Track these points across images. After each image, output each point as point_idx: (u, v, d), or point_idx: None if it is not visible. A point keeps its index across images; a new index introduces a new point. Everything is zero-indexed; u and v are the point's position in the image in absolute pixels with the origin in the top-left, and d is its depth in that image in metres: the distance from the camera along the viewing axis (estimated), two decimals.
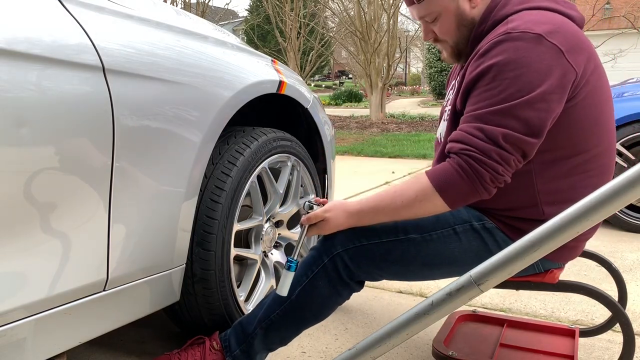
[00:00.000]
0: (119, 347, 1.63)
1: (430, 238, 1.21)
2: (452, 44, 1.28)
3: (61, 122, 1.01)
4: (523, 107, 1.07)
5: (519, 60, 1.07)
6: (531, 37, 1.08)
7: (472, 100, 1.13)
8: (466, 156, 1.09)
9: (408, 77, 37.17)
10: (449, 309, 0.97)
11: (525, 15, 1.15)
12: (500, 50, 1.09)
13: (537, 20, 1.12)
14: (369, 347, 1.04)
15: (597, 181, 1.19)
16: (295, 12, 12.94)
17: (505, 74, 1.08)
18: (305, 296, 1.25)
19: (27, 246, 0.98)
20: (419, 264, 1.23)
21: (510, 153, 1.07)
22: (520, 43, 1.08)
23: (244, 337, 1.29)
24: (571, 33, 1.13)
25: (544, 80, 1.07)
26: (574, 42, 1.11)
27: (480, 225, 1.22)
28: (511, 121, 1.07)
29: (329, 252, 1.23)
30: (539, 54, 1.08)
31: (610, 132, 1.22)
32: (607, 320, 1.51)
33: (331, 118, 10.21)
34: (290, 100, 1.82)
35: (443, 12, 1.24)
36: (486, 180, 1.08)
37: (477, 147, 1.08)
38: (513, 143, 1.07)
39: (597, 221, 0.85)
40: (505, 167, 1.08)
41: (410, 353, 1.61)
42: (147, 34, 1.26)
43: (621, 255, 2.61)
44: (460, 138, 1.11)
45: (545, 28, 1.09)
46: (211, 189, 1.42)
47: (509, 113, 1.07)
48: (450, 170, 1.11)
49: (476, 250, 1.22)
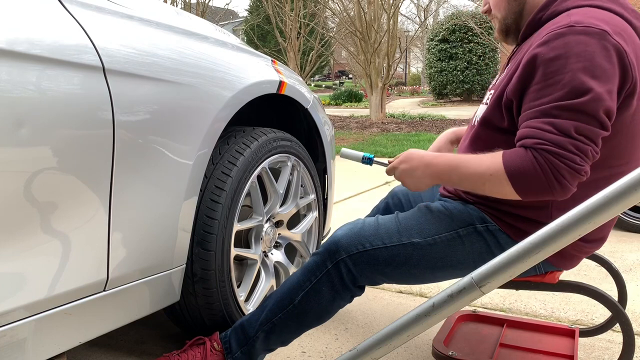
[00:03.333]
0: (119, 347, 1.63)
1: (434, 242, 1.21)
2: (501, 18, 1.27)
3: (61, 122, 1.01)
4: (591, 103, 1.03)
5: (583, 54, 1.04)
6: (597, 32, 1.05)
7: (533, 94, 1.09)
8: (542, 150, 1.04)
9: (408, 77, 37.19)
10: (450, 310, 0.97)
11: (589, 12, 1.11)
12: (562, 42, 1.06)
13: (601, 18, 1.09)
14: (370, 348, 1.04)
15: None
16: (295, 12, 12.94)
17: (570, 67, 1.04)
18: (308, 301, 1.25)
19: (27, 246, 0.98)
20: (422, 268, 1.22)
21: (586, 144, 1.04)
22: (584, 37, 1.05)
23: (245, 339, 1.29)
24: (632, 39, 1.10)
25: (610, 77, 1.04)
26: (634, 49, 1.09)
27: (483, 228, 1.21)
28: (579, 115, 1.03)
29: (333, 259, 1.23)
30: (604, 49, 1.04)
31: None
32: (607, 320, 1.51)
33: (331, 118, 10.21)
34: (291, 101, 1.82)
35: None
36: (564, 174, 1.04)
37: (551, 141, 1.04)
38: (586, 135, 1.04)
39: (599, 224, 0.85)
40: (583, 157, 1.04)
41: (410, 353, 1.61)
42: (147, 34, 1.26)
43: (621, 255, 2.62)
44: (531, 134, 1.07)
45: (609, 27, 1.07)
46: (211, 189, 1.42)
47: (577, 109, 1.04)
48: (527, 159, 1.06)
49: (479, 252, 1.21)
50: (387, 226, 1.23)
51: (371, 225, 1.24)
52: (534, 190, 1.07)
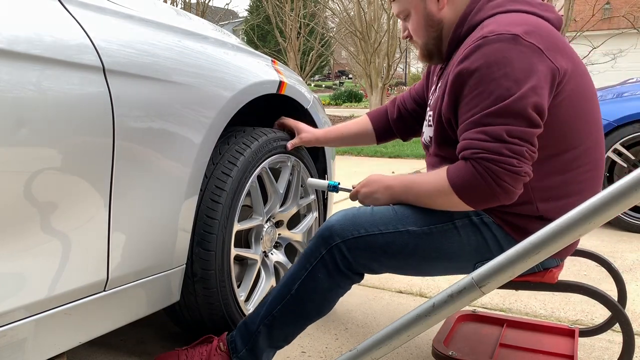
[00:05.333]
0: (119, 347, 1.63)
1: (430, 232, 1.21)
2: (422, 44, 1.32)
3: (61, 122, 1.01)
4: (516, 103, 1.07)
5: (501, 61, 1.08)
6: (508, 37, 1.09)
7: (464, 108, 1.14)
8: (479, 159, 1.09)
9: (408, 77, 37.15)
10: (451, 310, 0.97)
11: (500, 18, 1.16)
12: (480, 54, 1.10)
13: (512, 22, 1.13)
14: (370, 348, 1.03)
15: (589, 176, 1.21)
16: (295, 12, 12.94)
17: (491, 76, 1.09)
18: (306, 289, 1.24)
19: (27, 246, 0.98)
20: (418, 258, 1.23)
21: (520, 145, 1.07)
22: (498, 45, 1.09)
23: (248, 335, 1.29)
24: (547, 33, 1.14)
25: (530, 76, 1.08)
26: (551, 42, 1.13)
27: (478, 220, 1.22)
28: (508, 118, 1.07)
29: (327, 244, 1.23)
30: (519, 52, 1.08)
31: (598, 127, 1.24)
32: (607, 320, 1.51)
33: (331, 118, 10.20)
34: (291, 101, 1.82)
35: (412, 11, 1.29)
36: (504, 179, 1.07)
37: (486, 149, 1.08)
38: (518, 136, 1.07)
39: (599, 224, 0.85)
40: (520, 158, 1.07)
41: (410, 353, 1.61)
42: (147, 34, 1.26)
43: (621, 255, 2.62)
44: (467, 145, 1.12)
45: (520, 29, 1.10)
46: (211, 189, 1.42)
47: (505, 112, 1.08)
48: (467, 171, 1.11)
49: (475, 245, 1.22)
50: (382, 213, 1.23)
51: (366, 212, 1.24)
52: (479, 198, 1.13)
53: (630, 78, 4.46)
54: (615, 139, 3.05)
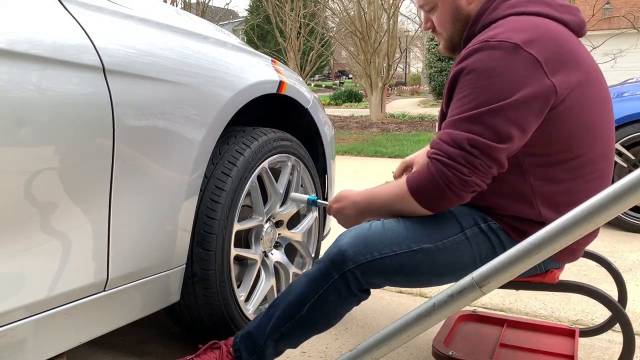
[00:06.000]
0: (119, 347, 1.63)
1: (444, 246, 1.19)
2: (447, 37, 1.31)
3: (61, 122, 1.01)
4: (491, 114, 1.07)
5: (492, 70, 1.08)
6: (508, 46, 1.08)
7: (451, 106, 1.15)
8: (436, 160, 1.10)
9: (408, 77, 37.17)
10: (451, 310, 0.97)
11: (510, 21, 1.14)
12: (477, 58, 1.10)
13: (519, 28, 1.11)
14: (370, 348, 1.03)
15: (594, 185, 1.19)
16: (295, 12, 12.94)
17: (479, 82, 1.09)
18: (316, 311, 1.22)
19: (27, 246, 0.98)
20: (432, 274, 1.21)
21: (476, 157, 1.07)
22: (496, 52, 1.08)
23: (254, 347, 1.26)
24: (554, 41, 1.11)
25: (515, 91, 1.06)
26: (556, 51, 1.10)
27: (486, 227, 1.21)
28: (477, 127, 1.07)
29: (339, 269, 1.19)
30: (513, 63, 1.07)
31: (607, 138, 1.21)
32: (607, 320, 1.51)
33: (331, 118, 10.21)
34: (291, 101, 1.82)
35: (440, 4, 1.27)
36: (454, 183, 1.09)
37: (443, 151, 1.10)
38: (479, 148, 1.07)
39: (599, 224, 0.85)
40: (472, 169, 1.08)
41: (410, 353, 1.61)
42: (147, 34, 1.26)
43: (621, 255, 2.62)
44: (433, 144, 1.14)
45: (524, 37, 1.09)
46: (211, 189, 1.42)
47: (476, 119, 1.08)
48: (424, 173, 1.13)
49: (485, 254, 1.20)
50: (394, 231, 1.20)
51: (377, 231, 1.21)
52: (432, 199, 1.14)
53: (630, 78, 4.46)
54: (615, 139, 3.05)
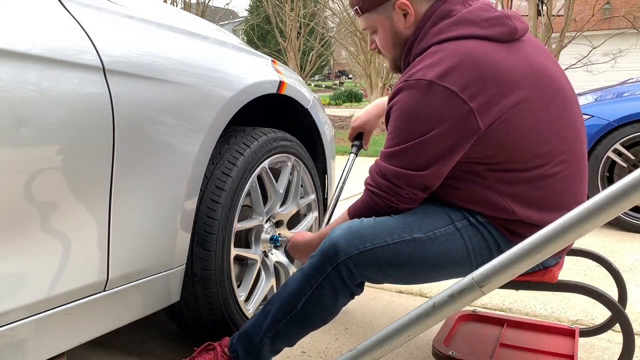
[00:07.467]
0: (119, 347, 1.63)
1: (435, 236, 1.21)
2: (390, 58, 1.38)
3: (61, 122, 1.01)
4: (414, 149, 1.17)
5: (410, 109, 1.16)
6: (423, 84, 1.14)
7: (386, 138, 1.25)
8: (369, 191, 1.25)
9: None
10: (451, 310, 0.97)
11: (429, 54, 1.18)
12: (399, 98, 1.19)
13: (436, 61, 1.15)
14: (370, 348, 1.03)
15: (565, 187, 1.20)
16: (295, 12, 12.93)
17: (402, 120, 1.18)
18: (311, 305, 1.24)
19: (27, 246, 0.98)
20: (425, 266, 1.22)
21: (402, 187, 1.20)
22: (413, 91, 1.15)
23: (251, 346, 1.28)
24: (474, 65, 1.12)
25: (433, 126, 1.14)
26: (476, 75, 1.12)
27: (475, 220, 1.23)
28: (401, 160, 1.19)
29: (332, 261, 1.21)
30: (430, 101, 1.13)
31: (569, 141, 1.22)
32: (607, 320, 1.51)
33: (331, 118, 10.20)
34: (291, 101, 1.82)
35: (380, 28, 1.32)
36: (385, 210, 1.24)
37: (375, 182, 1.23)
38: (404, 179, 1.19)
39: (599, 224, 0.85)
40: (399, 198, 1.21)
41: (410, 353, 1.61)
42: (147, 34, 1.26)
43: (621, 255, 2.62)
44: (369, 174, 1.26)
45: (437, 71, 1.13)
46: (211, 189, 1.42)
47: (400, 154, 1.19)
48: (361, 204, 1.28)
49: (478, 247, 1.22)
50: (386, 223, 1.23)
51: (370, 224, 1.24)
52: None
53: (630, 78, 4.47)
54: (615, 139, 3.05)
